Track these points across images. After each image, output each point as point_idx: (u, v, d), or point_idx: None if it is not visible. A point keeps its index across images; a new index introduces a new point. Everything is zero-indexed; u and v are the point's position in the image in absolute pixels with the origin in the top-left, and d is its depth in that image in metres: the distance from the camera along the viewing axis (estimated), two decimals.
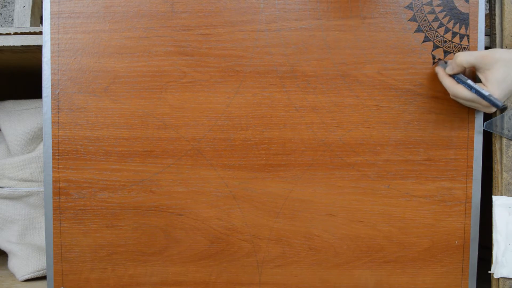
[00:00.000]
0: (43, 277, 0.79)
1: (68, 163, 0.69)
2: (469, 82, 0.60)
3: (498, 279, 0.67)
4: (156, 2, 0.68)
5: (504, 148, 0.67)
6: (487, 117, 0.67)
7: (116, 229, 0.70)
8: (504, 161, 0.67)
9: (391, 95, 0.68)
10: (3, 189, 0.80)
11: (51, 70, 0.69)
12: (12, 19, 1.27)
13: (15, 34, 0.71)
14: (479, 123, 0.67)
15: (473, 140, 0.67)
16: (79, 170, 0.70)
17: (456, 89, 0.61)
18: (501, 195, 0.67)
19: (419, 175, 0.68)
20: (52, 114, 0.69)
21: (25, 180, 0.80)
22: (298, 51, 0.68)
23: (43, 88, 0.69)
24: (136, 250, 0.70)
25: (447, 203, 0.68)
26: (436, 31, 0.66)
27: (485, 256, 0.71)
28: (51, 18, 0.69)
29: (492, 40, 0.68)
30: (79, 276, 0.71)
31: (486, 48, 0.67)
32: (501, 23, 0.68)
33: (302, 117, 0.68)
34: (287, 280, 0.70)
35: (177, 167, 0.69)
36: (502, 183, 0.67)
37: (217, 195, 0.69)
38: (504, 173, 0.67)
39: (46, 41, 0.69)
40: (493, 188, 0.68)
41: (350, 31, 0.67)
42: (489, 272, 0.68)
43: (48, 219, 0.70)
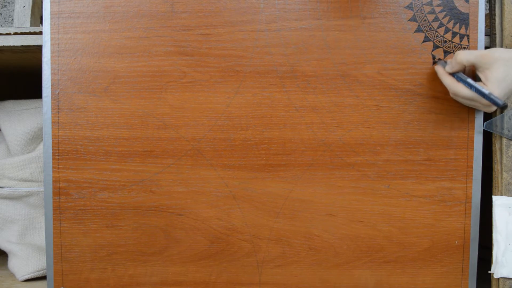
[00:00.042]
0: (43, 277, 0.79)
1: (68, 163, 0.69)
2: (469, 80, 0.60)
3: (498, 279, 0.67)
4: (156, 2, 0.68)
5: (504, 148, 0.67)
6: (487, 117, 0.67)
7: (116, 229, 0.70)
8: (504, 161, 0.67)
9: (391, 95, 0.68)
10: (3, 189, 0.80)
11: (51, 70, 0.69)
12: (12, 19, 1.27)
13: (15, 34, 0.71)
14: (479, 123, 0.67)
15: (473, 140, 0.67)
16: (79, 170, 0.70)
17: (456, 88, 0.61)
18: (501, 195, 0.67)
19: (419, 175, 0.68)
20: (52, 114, 0.69)
21: (25, 180, 0.80)
22: (298, 51, 0.68)
23: (43, 88, 0.69)
24: (136, 250, 0.70)
25: (447, 203, 0.68)
26: (436, 31, 0.66)
27: (485, 256, 0.71)
28: (51, 18, 0.69)
29: (492, 40, 0.68)
30: (79, 276, 0.71)
31: (486, 48, 0.67)
32: (501, 23, 0.68)
33: (302, 117, 0.68)
34: (287, 280, 0.70)
35: (177, 167, 0.69)
36: (502, 183, 0.67)
37: (217, 195, 0.69)
38: (504, 173, 0.67)
39: (46, 41, 0.69)
40: (493, 188, 0.68)
41: (350, 31, 0.67)
42: (489, 272, 0.68)
43: (48, 219, 0.70)
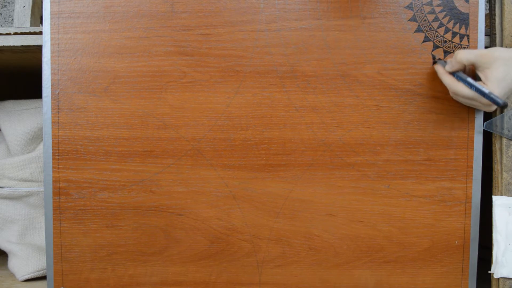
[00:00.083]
0: (43, 277, 0.79)
1: (68, 163, 0.69)
2: (469, 80, 0.60)
3: (498, 279, 0.67)
4: (156, 2, 0.68)
5: (504, 148, 0.67)
6: (487, 117, 0.67)
7: (116, 229, 0.70)
8: (504, 161, 0.67)
9: (391, 95, 0.68)
10: (3, 189, 0.80)
11: (51, 70, 0.69)
12: (12, 19, 1.27)
13: (15, 34, 0.71)
14: (479, 123, 0.67)
15: (473, 140, 0.67)
16: (79, 170, 0.70)
17: (456, 87, 0.61)
18: (501, 195, 0.67)
19: (419, 175, 0.68)
20: (52, 114, 0.69)
21: (25, 180, 0.80)
22: (298, 51, 0.68)
23: (43, 88, 0.69)
24: (136, 250, 0.70)
25: (447, 203, 0.68)
26: (436, 31, 0.66)
27: (485, 256, 0.71)
28: (51, 18, 0.69)
29: (492, 40, 0.68)
30: (79, 276, 0.71)
31: (486, 48, 0.67)
32: (501, 23, 0.68)
33: (302, 117, 0.68)
34: (287, 280, 0.70)
35: (177, 167, 0.69)
36: (502, 183, 0.67)
37: (217, 195, 0.69)
38: (504, 173, 0.67)
39: (46, 41, 0.69)
40: (493, 188, 0.68)
41: (350, 31, 0.67)
42: (489, 272, 0.68)
43: (48, 219, 0.70)
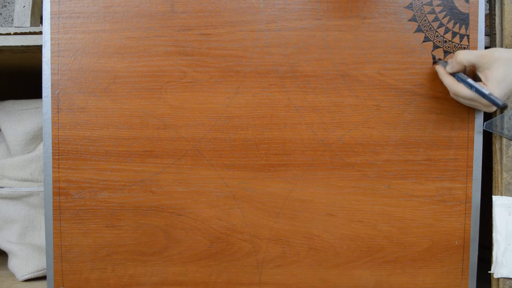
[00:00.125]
0: (43, 277, 0.79)
1: (68, 163, 0.69)
2: (469, 80, 0.60)
3: (498, 279, 0.67)
4: (156, 2, 0.68)
5: (504, 148, 0.67)
6: (487, 117, 0.67)
7: (116, 229, 0.70)
8: (504, 161, 0.67)
9: (391, 95, 0.68)
10: (3, 189, 0.80)
11: (51, 70, 0.69)
12: (12, 19, 1.27)
13: (15, 34, 0.71)
14: (479, 123, 0.67)
15: (473, 140, 0.67)
16: (79, 170, 0.70)
17: (457, 88, 0.61)
18: (501, 195, 0.67)
19: (419, 175, 0.68)
20: (52, 114, 0.69)
21: (25, 180, 0.80)
22: (298, 51, 0.68)
23: (43, 88, 0.69)
24: (136, 250, 0.70)
25: (447, 203, 0.68)
26: (436, 31, 0.66)
27: (485, 256, 0.71)
28: (51, 18, 0.69)
29: (492, 40, 0.68)
30: (79, 276, 0.71)
31: (486, 48, 0.67)
32: (501, 23, 0.68)
33: (302, 117, 0.68)
34: (287, 280, 0.70)
35: (177, 167, 0.69)
36: (502, 183, 0.67)
37: (217, 195, 0.69)
38: (504, 173, 0.67)
39: (46, 41, 0.69)
40: (493, 188, 0.68)
41: (350, 31, 0.67)
42: (489, 272, 0.68)
43: (48, 219, 0.70)
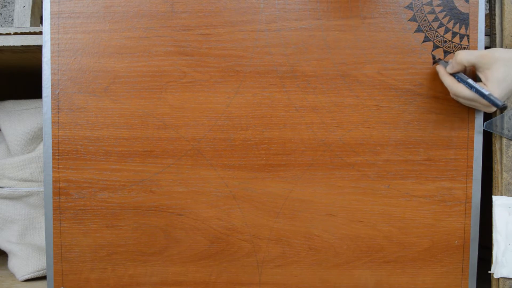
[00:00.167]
0: (43, 277, 0.79)
1: (68, 163, 0.69)
2: (470, 81, 0.60)
3: (498, 279, 0.67)
4: (156, 2, 0.68)
5: (504, 148, 0.67)
6: (487, 117, 0.67)
7: (116, 229, 0.70)
8: (504, 161, 0.67)
9: (391, 95, 0.68)
10: (3, 189, 0.80)
11: (51, 70, 0.69)
12: (12, 19, 1.27)
13: (15, 34, 0.71)
14: (479, 123, 0.67)
15: (473, 140, 0.67)
16: (79, 170, 0.70)
17: (457, 88, 0.61)
18: (501, 195, 0.67)
19: (419, 175, 0.68)
20: (52, 114, 0.69)
21: (25, 180, 0.80)
22: (298, 51, 0.68)
23: (43, 88, 0.69)
24: (136, 250, 0.70)
25: (447, 203, 0.68)
26: (436, 31, 0.66)
27: (485, 256, 0.71)
28: (51, 18, 0.69)
29: (492, 40, 0.68)
30: (79, 276, 0.71)
31: (486, 48, 0.67)
32: (501, 23, 0.68)
33: (302, 117, 0.68)
34: (287, 280, 0.70)
35: (177, 167, 0.69)
36: (502, 183, 0.67)
37: (217, 195, 0.69)
38: (504, 173, 0.67)
39: (46, 41, 0.69)
40: (493, 188, 0.68)
41: (350, 31, 0.67)
42: (489, 272, 0.68)
43: (48, 219, 0.70)
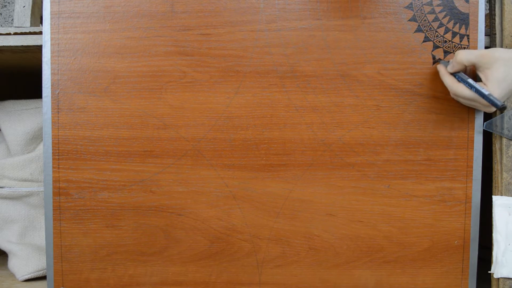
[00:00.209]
0: (43, 277, 0.79)
1: (68, 163, 0.69)
2: (470, 81, 0.60)
3: (498, 279, 0.67)
4: (156, 2, 0.68)
5: (504, 148, 0.67)
6: (487, 117, 0.67)
7: (116, 229, 0.70)
8: (504, 161, 0.67)
9: (391, 95, 0.68)
10: (3, 189, 0.80)
11: (51, 70, 0.69)
12: (12, 19, 1.27)
13: (15, 34, 0.71)
14: (479, 123, 0.67)
15: (473, 140, 0.67)
16: (79, 170, 0.70)
17: (457, 88, 0.61)
18: (501, 195, 0.67)
19: (419, 175, 0.68)
20: (52, 114, 0.69)
21: (25, 180, 0.80)
22: (298, 51, 0.68)
23: (43, 88, 0.69)
24: (136, 250, 0.70)
25: (447, 203, 0.68)
26: (436, 31, 0.66)
27: (485, 256, 0.71)
28: (51, 18, 0.69)
29: (492, 40, 0.68)
30: (79, 276, 0.71)
31: (486, 48, 0.67)
32: (501, 23, 0.68)
33: (302, 117, 0.68)
34: (287, 280, 0.70)
35: (177, 167, 0.69)
36: (502, 183, 0.67)
37: (217, 195, 0.69)
38: (504, 173, 0.67)
39: (46, 41, 0.69)
40: (493, 188, 0.68)
41: (350, 31, 0.67)
42: (489, 272, 0.68)
43: (48, 219, 0.70)
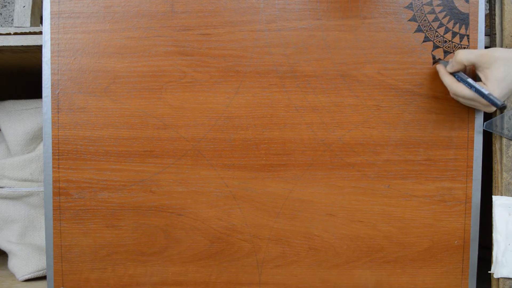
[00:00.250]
0: (43, 277, 0.79)
1: (68, 163, 0.69)
2: (469, 80, 0.60)
3: (498, 279, 0.67)
4: (156, 2, 0.68)
5: (504, 148, 0.67)
6: (487, 117, 0.67)
7: (116, 229, 0.70)
8: (504, 161, 0.67)
9: (391, 95, 0.68)
10: (3, 189, 0.80)
11: (51, 70, 0.69)
12: (12, 19, 1.27)
13: (15, 34, 0.71)
14: (479, 123, 0.67)
15: (473, 140, 0.67)
16: (79, 170, 0.70)
17: (457, 87, 0.61)
18: (501, 195, 0.67)
19: (419, 175, 0.68)
20: (52, 114, 0.69)
21: (25, 180, 0.80)
22: (298, 51, 0.68)
23: (43, 88, 0.69)
24: (136, 250, 0.70)
25: (447, 203, 0.68)
26: (436, 31, 0.66)
27: (485, 256, 0.71)
28: (51, 18, 0.69)
29: (492, 40, 0.68)
30: (79, 276, 0.71)
31: (486, 48, 0.67)
32: (501, 23, 0.68)
33: (302, 117, 0.68)
34: (287, 280, 0.70)
35: (177, 167, 0.69)
36: (502, 183, 0.67)
37: (217, 195, 0.69)
38: (504, 173, 0.67)
39: (46, 41, 0.69)
40: (493, 188, 0.68)
41: (350, 31, 0.67)
42: (489, 272, 0.68)
43: (48, 219, 0.70)
